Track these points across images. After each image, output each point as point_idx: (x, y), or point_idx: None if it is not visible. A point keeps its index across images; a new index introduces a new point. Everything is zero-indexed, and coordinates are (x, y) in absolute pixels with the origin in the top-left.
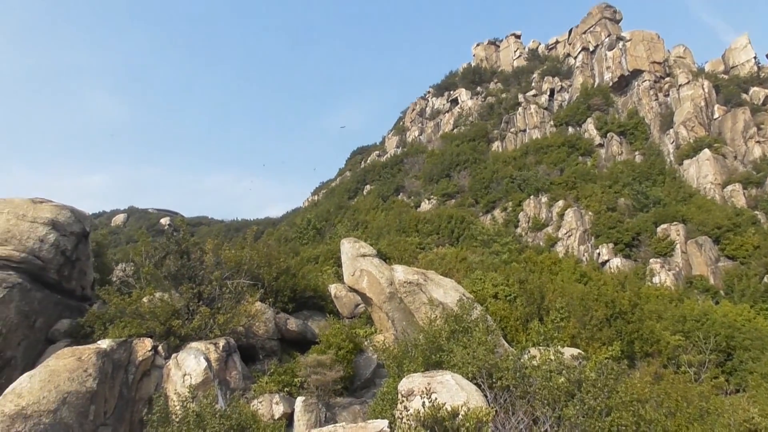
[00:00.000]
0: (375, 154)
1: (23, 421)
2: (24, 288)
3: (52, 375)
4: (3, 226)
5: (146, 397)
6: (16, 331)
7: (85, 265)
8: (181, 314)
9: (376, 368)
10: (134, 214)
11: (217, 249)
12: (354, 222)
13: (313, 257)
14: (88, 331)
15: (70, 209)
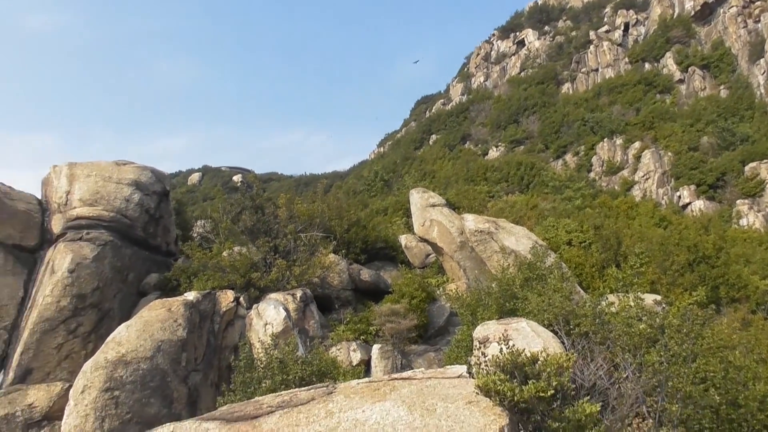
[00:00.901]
0: (440, 103)
1: (124, 366)
2: (115, 245)
3: (146, 325)
4: (92, 188)
5: (231, 345)
6: (111, 285)
7: (168, 222)
8: (259, 267)
9: (449, 316)
10: (208, 173)
11: (289, 203)
12: (421, 172)
13: (382, 209)
14: (174, 284)
15: (150, 170)
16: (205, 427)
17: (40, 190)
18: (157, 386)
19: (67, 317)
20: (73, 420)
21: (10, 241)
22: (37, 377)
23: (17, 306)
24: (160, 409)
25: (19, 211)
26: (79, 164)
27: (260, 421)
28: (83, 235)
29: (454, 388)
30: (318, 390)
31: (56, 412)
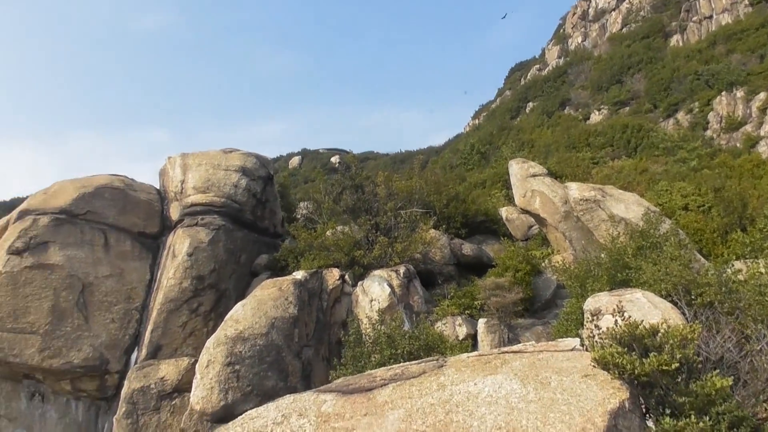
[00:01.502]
0: (535, 69)
1: (242, 342)
2: (227, 229)
3: (260, 303)
4: (203, 176)
5: (339, 321)
6: (226, 266)
7: (274, 205)
8: (361, 245)
9: (556, 289)
10: (307, 156)
11: (387, 181)
12: (519, 142)
13: (480, 182)
14: (283, 264)
15: (255, 156)
16: (322, 399)
17: (158, 180)
18: (273, 360)
19: (189, 297)
20: (201, 392)
21: (136, 229)
22: (166, 353)
23: (145, 288)
24: (277, 382)
25: (142, 201)
26: (190, 154)
27: (374, 393)
28: (198, 220)
29: (567, 361)
30: (429, 363)
31: (185, 385)
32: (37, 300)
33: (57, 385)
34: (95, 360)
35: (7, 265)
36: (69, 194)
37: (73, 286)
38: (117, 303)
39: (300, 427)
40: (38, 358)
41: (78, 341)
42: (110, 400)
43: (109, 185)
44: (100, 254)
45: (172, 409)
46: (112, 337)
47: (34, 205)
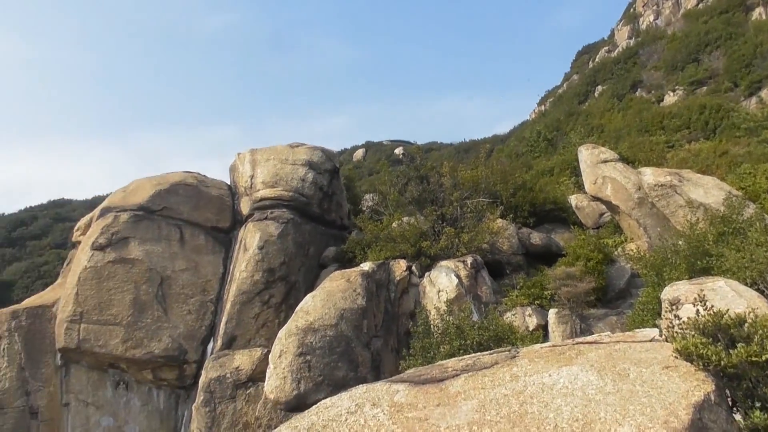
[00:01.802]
0: (604, 51)
1: (313, 333)
2: (296, 222)
3: (329, 295)
4: (271, 171)
5: (407, 312)
6: (296, 259)
7: (340, 197)
8: (428, 236)
9: (630, 278)
10: (371, 148)
11: (453, 171)
12: (588, 128)
13: (547, 169)
14: (350, 256)
15: (321, 149)
16: (395, 389)
17: (228, 175)
18: (343, 351)
19: (260, 290)
20: (274, 382)
21: (209, 223)
22: (240, 343)
23: (219, 281)
24: (348, 373)
25: (214, 196)
26: (259, 150)
27: (446, 383)
28: (268, 214)
29: (646, 352)
30: (501, 354)
31: (258, 375)
32: (120, 293)
33: (139, 375)
34: (174, 350)
35: (92, 260)
36: (146, 191)
37: (152, 280)
38: (193, 295)
39: (374, 416)
40: (122, 349)
41: (158, 332)
42: (189, 389)
43: (183, 182)
44: (176, 248)
45: (247, 398)
46: (189, 328)
47: (115, 202)
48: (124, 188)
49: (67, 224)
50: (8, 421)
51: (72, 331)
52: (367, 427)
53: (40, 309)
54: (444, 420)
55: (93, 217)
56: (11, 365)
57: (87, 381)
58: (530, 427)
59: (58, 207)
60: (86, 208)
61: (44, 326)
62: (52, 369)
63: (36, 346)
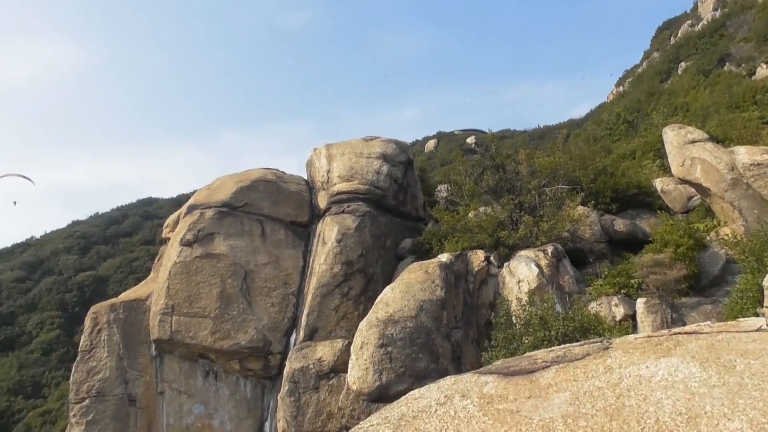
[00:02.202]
0: (686, 25)
1: (393, 325)
2: (372, 215)
3: (407, 286)
4: (347, 165)
5: (486, 303)
6: (373, 251)
7: (415, 189)
8: (505, 225)
9: (725, 264)
10: (443, 138)
11: (529, 158)
12: (671, 107)
13: (628, 152)
14: (427, 248)
15: (394, 142)
16: (483, 380)
17: (305, 171)
18: (423, 342)
19: (340, 282)
20: (356, 372)
21: (288, 218)
22: (321, 335)
23: (300, 274)
24: (429, 364)
25: (292, 192)
26: (334, 144)
27: (536, 375)
28: (345, 208)
29: (753, 342)
30: (593, 345)
31: (340, 366)
32: (207, 287)
33: (227, 365)
34: (259, 341)
35: (181, 255)
36: (229, 188)
37: (237, 274)
38: (275, 288)
39: (464, 408)
40: (210, 340)
41: (243, 324)
42: (274, 379)
43: (262, 178)
44: (258, 243)
45: (330, 388)
46: (273, 320)
47: (200, 200)
48: (208, 186)
49: (155, 221)
50: (109, 408)
51: (165, 323)
52: (458, 418)
53: (136, 302)
54: (536, 412)
55: (180, 215)
56: (111, 355)
57: (179, 370)
58: (629, 421)
59: (146, 205)
60: (172, 205)
61: (139, 318)
62: (147, 359)
63: (132, 338)
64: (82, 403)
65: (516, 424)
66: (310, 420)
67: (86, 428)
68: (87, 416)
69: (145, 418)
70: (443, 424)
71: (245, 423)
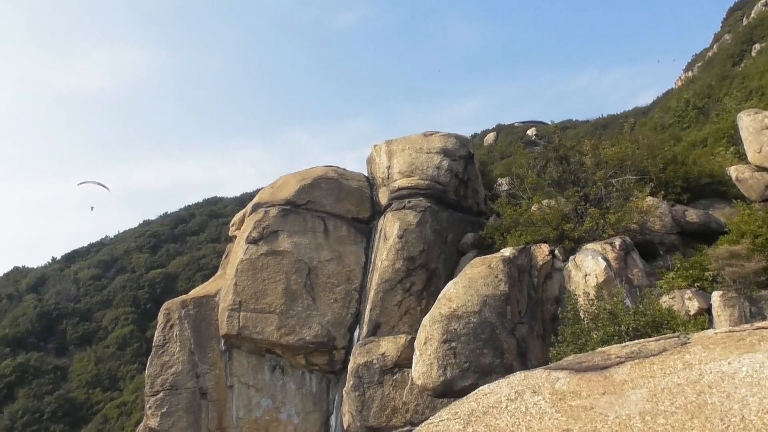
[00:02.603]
0: (760, 5)
1: (457, 320)
2: (433, 210)
3: (470, 281)
4: (407, 161)
5: (552, 297)
6: (434, 247)
7: (476, 183)
8: (570, 218)
9: None
10: (502, 131)
11: (594, 149)
12: (745, 91)
13: (699, 140)
14: (489, 242)
15: (454, 136)
16: (555, 376)
17: (365, 167)
18: (487, 338)
19: (402, 278)
20: (421, 367)
21: (350, 215)
22: (385, 330)
23: (362, 270)
24: (493, 359)
25: (353, 188)
26: (394, 141)
27: (611, 371)
28: (405, 203)
29: None
30: (669, 340)
31: (404, 361)
32: (273, 283)
33: (293, 359)
34: (324, 337)
35: (247, 252)
36: (291, 187)
37: (300, 270)
38: (338, 284)
39: (535, 404)
40: (276, 335)
41: (308, 320)
42: (338, 374)
43: (324, 176)
44: (321, 240)
45: (394, 383)
46: (337, 315)
47: (264, 198)
48: (272, 185)
49: (220, 220)
50: (182, 400)
51: (233, 318)
52: (529, 414)
53: (205, 299)
54: (612, 409)
55: (246, 213)
56: (182, 350)
57: (247, 365)
58: (712, 419)
59: (211, 204)
60: (236, 204)
61: (209, 314)
62: (217, 354)
63: (203, 333)
64: (156, 395)
65: (591, 420)
66: (375, 414)
67: (161, 420)
68: (161, 408)
69: (216, 410)
70: (514, 420)
71: (311, 417)
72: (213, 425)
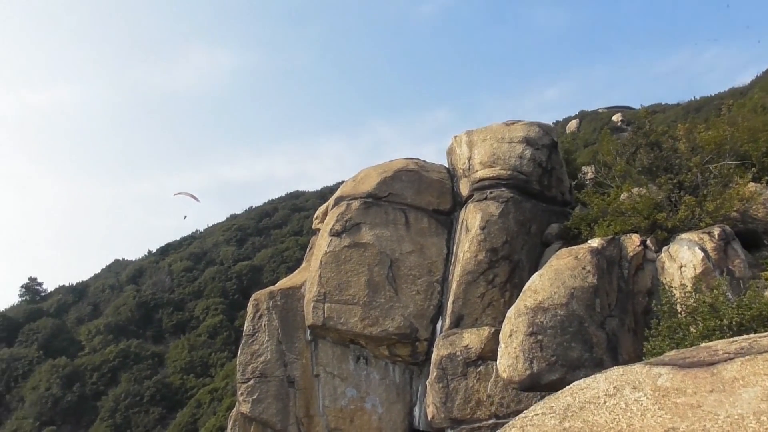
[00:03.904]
0: None
1: (543, 312)
2: (516, 200)
3: (556, 273)
4: (488, 151)
5: (644, 290)
6: (518, 238)
7: (560, 172)
8: (663, 207)
9: None
10: (585, 118)
11: (689, 133)
12: None
13: None
14: (575, 233)
15: (537, 124)
16: (656, 372)
17: (446, 158)
18: (575, 331)
19: (484, 269)
20: (506, 361)
21: (431, 206)
22: (467, 322)
23: (443, 262)
24: (582, 354)
25: (434, 180)
26: (474, 131)
27: (718, 368)
28: (487, 194)
29: None
30: None
31: (487, 353)
32: (356, 275)
33: (377, 350)
34: (406, 328)
35: (330, 245)
36: (373, 179)
37: (383, 262)
38: (420, 276)
39: (636, 400)
40: (360, 326)
41: (391, 311)
42: (421, 365)
43: (405, 168)
44: (402, 232)
45: (478, 375)
46: (419, 307)
47: (346, 191)
48: (353, 178)
49: (302, 214)
50: (271, 388)
51: (318, 309)
52: (630, 411)
53: (291, 290)
54: (722, 408)
55: (328, 206)
56: (271, 339)
57: (332, 355)
58: None
59: (293, 198)
60: (317, 198)
61: (295, 305)
62: (303, 343)
63: (289, 323)
64: (247, 383)
65: (698, 419)
66: (459, 406)
67: (252, 406)
68: (252, 395)
69: (303, 398)
70: (614, 416)
71: (395, 407)
72: (300, 413)
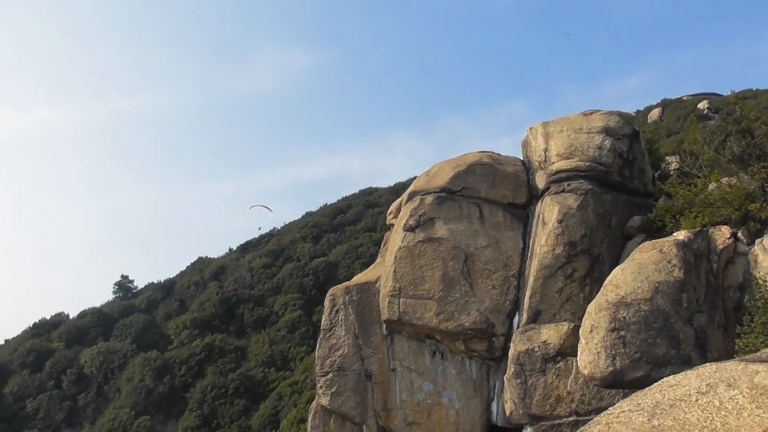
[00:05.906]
0: None
1: (625, 307)
2: (595, 192)
3: (639, 267)
4: (565, 142)
5: (734, 284)
6: (597, 231)
7: (642, 163)
8: (756, 197)
9: None
10: (668, 106)
11: None
12: None
13: None
14: (659, 225)
15: (617, 114)
16: (753, 369)
17: (521, 151)
18: (660, 327)
19: (562, 264)
20: (587, 357)
21: (506, 200)
22: (545, 318)
23: (520, 256)
24: (668, 350)
25: (509, 173)
26: (551, 122)
27: None
28: (564, 187)
29: None
30: None
31: (566, 349)
32: (430, 270)
33: (453, 345)
34: (482, 323)
35: (404, 240)
36: (446, 174)
37: (457, 257)
38: (496, 271)
39: (730, 398)
40: (435, 321)
41: (466, 306)
42: (498, 361)
43: (478, 162)
44: (476, 226)
45: (557, 372)
46: (495, 302)
47: (420, 186)
48: (426, 173)
49: (375, 210)
50: (349, 382)
51: (393, 304)
52: (724, 409)
53: (366, 285)
54: None
55: (402, 202)
56: (348, 333)
57: (408, 349)
58: None
59: (367, 195)
60: (390, 194)
61: (370, 300)
62: (379, 338)
63: (365, 317)
64: (326, 376)
65: None
66: (538, 403)
67: (331, 399)
68: (331, 388)
69: (381, 392)
70: (707, 415)
71: (472, 402)
72: (378, 406)
